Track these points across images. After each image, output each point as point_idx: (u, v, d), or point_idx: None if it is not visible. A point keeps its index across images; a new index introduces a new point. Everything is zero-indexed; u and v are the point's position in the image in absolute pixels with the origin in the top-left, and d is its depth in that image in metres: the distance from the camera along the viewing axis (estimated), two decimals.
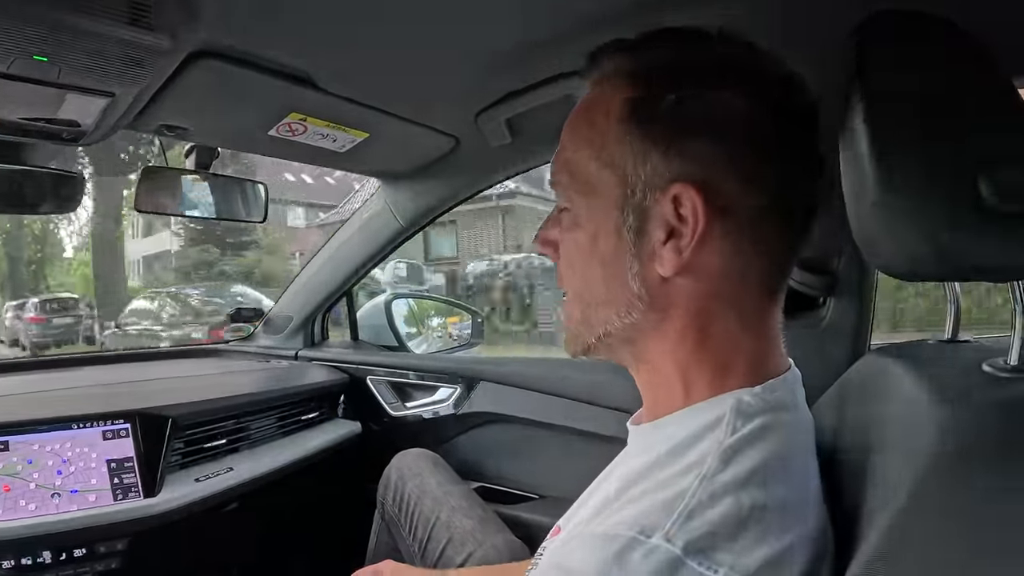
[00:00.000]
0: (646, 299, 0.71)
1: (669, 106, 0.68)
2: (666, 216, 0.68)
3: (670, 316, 0.72)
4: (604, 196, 0.72)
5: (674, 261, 0.68)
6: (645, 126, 0.69)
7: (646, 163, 0.69)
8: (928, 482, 0.57)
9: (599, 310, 0.75)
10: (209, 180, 1.72)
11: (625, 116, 0.70)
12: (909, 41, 0.66)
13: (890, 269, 0.71)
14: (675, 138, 0.67)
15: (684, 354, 0.73)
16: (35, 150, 1.46)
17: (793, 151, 0.70)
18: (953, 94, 0.63)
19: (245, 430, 1.85)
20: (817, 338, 1.44)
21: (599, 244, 0.73)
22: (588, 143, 0.73)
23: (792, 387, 0.75)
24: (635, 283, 0.71)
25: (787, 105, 0.69)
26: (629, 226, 0.70)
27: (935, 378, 0.74)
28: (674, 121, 0.68)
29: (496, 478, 2.05)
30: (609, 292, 0.73)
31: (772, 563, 0.60)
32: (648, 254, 0.70)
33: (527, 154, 1.77)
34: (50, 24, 0.89)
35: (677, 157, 0.67)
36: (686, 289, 0.70)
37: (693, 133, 0.67)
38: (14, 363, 2.17)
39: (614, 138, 0.71)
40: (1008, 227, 0.58)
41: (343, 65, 1.22)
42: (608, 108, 0.72)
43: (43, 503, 1.34)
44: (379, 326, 2.58)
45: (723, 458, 0.64)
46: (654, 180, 0.68)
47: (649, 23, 0.77)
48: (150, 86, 1.13)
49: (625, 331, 0.74)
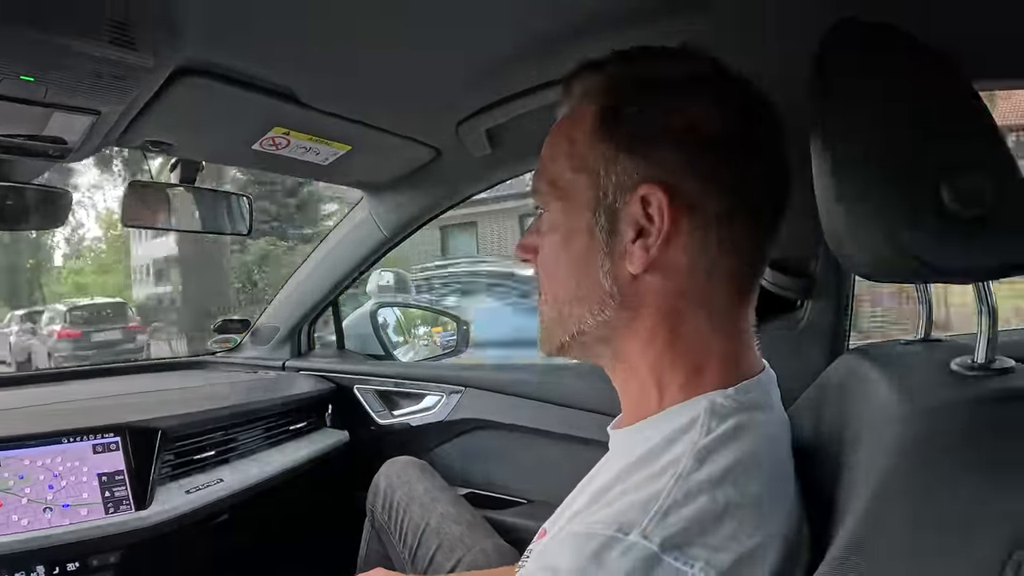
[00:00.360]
0: (617, 297, 0.75)
1: (634, 114, 0.73)
2: (635, 216, 0.72)
3: (641, 314, 0.75)
4: (577, 199, 0.76)
5: (643, 258, 0.72)
6: (613, 133, 0.73)
7: (616, 166, 0.73)
8: (895, 476, 0.59)
9: (573, 307, 0.78)
10: (194, 194, 1.73)
11: (596, 125, 0.75)
12: (872, 49, 0.69)
13: (859, 270, 0.73)
14: (640, 143, 0.72)
15: (656, 353, 0.75)
16: (22, 166, 1.46)
17: (753, 153, 0.73)
18: (914, 101, 0.65)
19: (234, 441, 1.85)
20: (795, 340, 1.45)
21: (573, 244, 0.77)
22: (564, 154, 0.78)
23: (766, 388, 0.77)
24: (606, 281, 0.75)
25: (745, 111, 0.73)
26: (601, 226, 0.74)
27: (905, 377, 0.75)
28: (639, 128, 0.72)
29: (484, 484, 2.06)
30: (581, 289, 0.77)
31: (747, 559, 0.62)
32: (619, 252, 0.74)
33: (508, 164, 1.78)
34: (36, 45, 0.90)
35: (643, 160, 0.72)
36: (655, 286, 0.73)
37: (657, 138, 0.72)
38: (3, 378, 2.16)
39: (586, 146, 0.75)
40: (969, 231, 0.59)
41: (325, 80, 1.24)
42: (581, 120, 0.76)
43: (35, 518, 1.35)
44: (365, 335, 2.58)
45: (698, 458, 0.65)
46: (623, 182, 0.73)
47: (625, 36, 0.79)
48: (135, 103, 1.13)
49: (599, 329, 0.77)
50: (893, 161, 0.62)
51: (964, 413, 0.61)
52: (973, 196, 0.59)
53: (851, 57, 0.69)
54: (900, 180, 0.62)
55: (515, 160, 1.75)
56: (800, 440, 0.81)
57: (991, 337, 0.70)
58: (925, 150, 0.62)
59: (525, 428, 1.98)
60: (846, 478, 0.70)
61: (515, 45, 1.16)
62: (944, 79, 0.67)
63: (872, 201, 0.62)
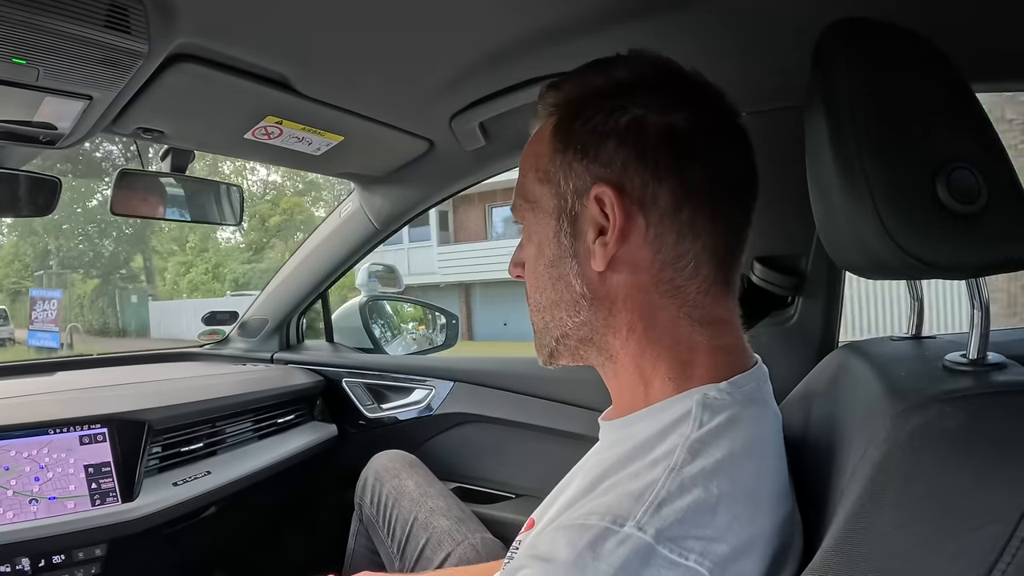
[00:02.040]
0: (589, 296, 0.79)
1: (584, 121, 0.77)
2: (594, 216, 0.76)
3: (616, 311, 0.77)
4: (544, 208, 0.81)
5: (603, 255, 0.75)
6: (568, 142, 0.78)
7: (572, 172, 0.78)
8: (888, 468, 0.59)
9: (553, 312, 0.82)
10: (185, 183, 1.72)
11: (553, 138, 0.80)
12: (868, 48, 0.69)
13: (853, 267, 0.73)
14: (591, 147, 0.76)
15: (636, 346, 0.77)
16: (11, 153, 1.45)
17: (702, 147, 0.75)
18: (909, 98, 0.66)
19: (222, 434, 1.85)
20: (786, 336, 1.46)
21: (545, 251, 0.82)
22: (531, 168, 0.83)
23: (759, 382, 0.78)
24: (577, 282, 0.79)
25: (693, 107, 0.76)
26: (565, 231, 0.79)
27: (897, 372, 0.76)
28: (589, 133, 0.76)
29: (473, 478, 2.06)
30: (557, 293, 0.81)
31: (740, 550, 0.63)
32: (584, 253, 0.78)
33: (501, 157, 1.78)
34: (29, 27, 0.89)
35: (593, 163, 0.76)
36: (623, 282, 0.76)
37: (604, 140, 0.75)
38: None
39: (547, 158, 0.80)
40: (964, 227, 0.60)
41: (320, 69, 1.23)
42: (543, 135, 0.82)
43: (21, 510, 1.33)
44: (355, 328, 2.58)
45: (691, 451, 0.66)
46: (579, 186, 0.77)
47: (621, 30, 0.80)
48: (128, 89, 1.12)
49: (579, 330, 0.81)
50: (888, 158, 0.63)
51: (957, 407, 0.61)
52: (967, 192, 0.60)
53: (846, 55, 0.70)
54: (895, 176, 0.62)
55: (508, 153, 1.75)
56: (791, 434, 0.82)
57: (983, 333, 0.71)
58: (920, 147, 0.63)
59: (514, 422, 1.98)
60: (839, 471, 0.71)
61: (512, 38, 1.16)
62: (938, 76, 0.67)
63: (867, 198, 0.63)
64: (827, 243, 0.76)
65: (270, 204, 26.53)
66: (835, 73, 0.70)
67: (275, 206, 26.35)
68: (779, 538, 0.67)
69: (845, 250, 0.71)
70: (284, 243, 25.43)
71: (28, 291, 15.83)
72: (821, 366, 1.03)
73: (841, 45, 0.70)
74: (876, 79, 0.67)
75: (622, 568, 0.58)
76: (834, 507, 0.66)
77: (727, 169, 0.77)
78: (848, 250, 0.71)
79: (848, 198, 0.65)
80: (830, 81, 0.70)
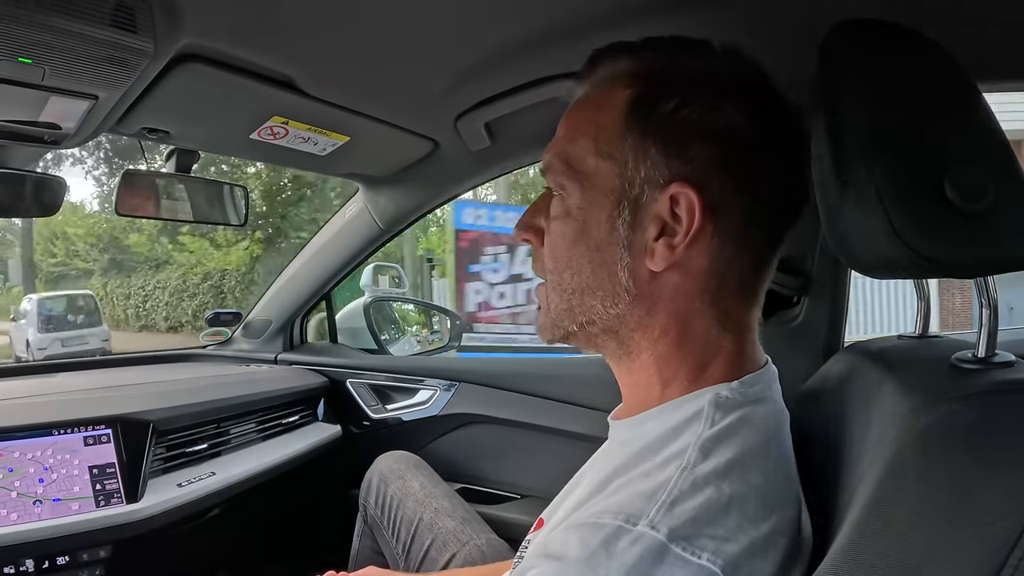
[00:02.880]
0: (633, 291, 0.74)
1: (671, 108, 0.71)
2: (661, 213, 0.71)
3: (655, 311, 0.74)
4: (600, 187, 0.75)
5: (667, 257, 0.71)
6: (646, 124, 0.72)
7: (646, 160, 0.72)
8: (899, 467, 0.59)
9: (584, 298, 0.77)
10: (189, 183, 1.71)
11: (627, 113, 0.73)
12: (874, 47, 0.69)
13: (860, 267, 0.73)
14: (674, 139, 0.71)
15: (664, 349, 0.75)
16: (16, 152, 1.45)
17: (780, 155, 0.73)
18: (917, 97, 0.66)
19: (226, 435, 1.84)
20: (791, 336, 1.46)
21: (591, 232, 0.75)
22: (586, 135, 0.76)
23: (769, 382, 0.78)
24: (624, 274, 0.74)
25: (776, 113, 0.73)
26: (624, 219, 0.73)
27: (905, 371, 0.76)
28: (675, 123, 0.71)
29: (478, 479, 2.06)
30: (596, 280, 0.76)
31: (752, 549, 0.62)
32: (639, 248, 0.73)
33: (507, 158, 1.78)
34: (35, 26, 0.89)
35: (676, 158, 0.71)
36: (672, 285, 0.73)
37: (692, 135, 0.70)
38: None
39: (614, 132, 0.74)
40: (972, 226, 0.60)
41: (326, 69, 1.23)
42: (609, 104, 0.75)
43: (25, 512, 1.33)
44: (359, 329, 2.57)
45: (703, 450, 0.66)
46: (653, 177, 0.71)
47: (633, 29, 0.79)
48: (134, 89, 1.12)
49: (609, 321, 0.77)
50: (895, 157, 0.63)
51: (967, 405, 0.61)
52: (975, 191, 0.60)
53: (854, 55, 0.70)
54: (903, 176, 0.62)
55: (514, 154, 1.74)
56: (800, 434, 0.82)
57: (992, 331, 0.71)
58: (928, 146, 0.63)
59: (519, 423, 1.98)
60: (848, 470, 0.71)
61: (518, 37, 1.16)
62: (946, 76, 0.67)
63: (874, 197, 0.62)
64: (833, 243, 0.76)
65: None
66: (841, 73, 0.70)
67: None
68: (789, 538, 0.67)
69: (852, 249, 0.71)
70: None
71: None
72: (828, 366, 1.03)
73: (847, 45, 0.71)
74: (882, 79, 0.67)
75: (635, 566, 0.58)
76: (844, 506, 0.66)
77: (793, 190, 0.75)
78: (855, 249, 0.71)
79: (855, 198, 0.65)
80: (836, 81, 0.70)
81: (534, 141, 1.67)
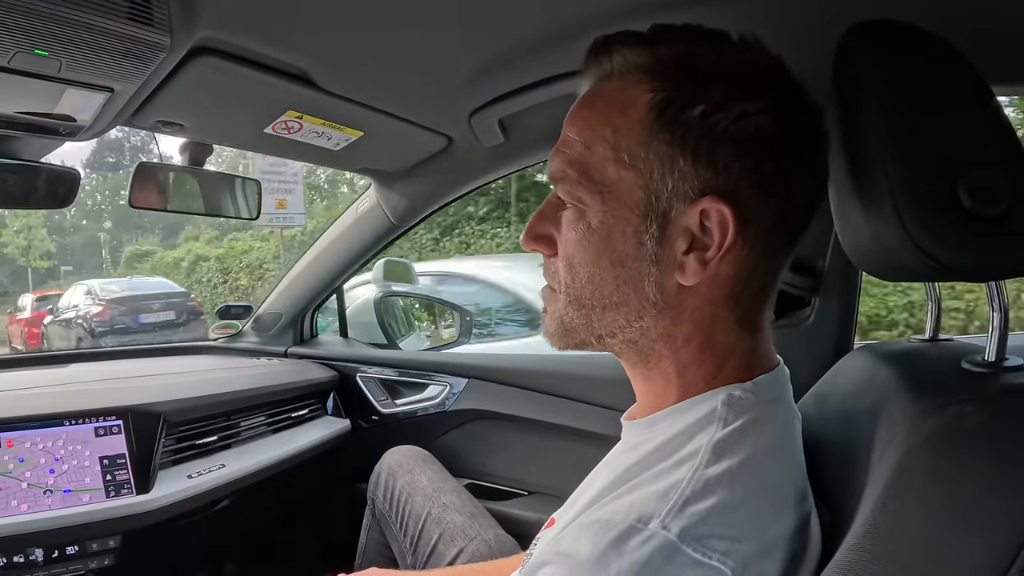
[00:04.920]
0: (660, 305, 0.71)
1: (698, 114, 0.66)
2: (691, 227, 0.68)
3: (680, 321, 0.72)
4: (623, 200, 0.70)
5: (699, 272, 0.69)
6: (673, 131, 0.67)
7: (673, 171, 0.67)
8: (909, 470, 0.60)
9: (607, 313, 0.74)
10: (202, 177, 1.72)
11: (650, 118, 0.68)
12: (889, 51, 0.69)
13: (872, 269, 0.73)
14: (703, 147, 0.66)
15: (687, 357, 0.74)
16: (31, 144, 1.45)
17: (807, 163, 0.71)
18: (933, 101, 0.65)
19: (236, 427, 1.85)
20: (802, 337, 1.46)
21: (615, 247, 0.71)
22: (604, 141, 0.71)
23: (781, 382, 0.77)
24: (651, 289, 0.71)
25: (799, 114, 0.70)
26: (652, 234, 0.69)
27: (917, 374, 0.76)
28: (703, 129, 0.66)
29: (486, 474, 2.06)
30: (621, 296, 0.72)
31: (763, 551, 0.63)
32: (668, 263, 0.70)
33: (520, 154, 1.77)
34: (52, 18, 0.89)
35: (705, 168, 0.67)
36: (700, 296, 0.71)
37: (722, 143, 0.66)
38: (4, 359, 2.15)
39: (637, 140, 0.69)
40: (985, 229, 0.60)
41: (341, 64, 1.23)
42: (627, 106, 0.70)
43: (35, 502, 1.34)
44: (369, 323, 2.58)
45: (716, 451, 0.66)
46: (682, 189, 0.67)
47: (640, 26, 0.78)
48: (149, 82, 1.12)
49: (631, 334, 0.74)
50: (909, 160, 0.63)
51: (976, 409, 0.61)
52: (989, 195, 0.60)
53: (869, 57, 0.69)
54: (917, 179, 0.62)
55: (528, 150, 1.74)
56: (809, 434, 0.82)
57: (1002, 335, 0.71)
58: (941, 150, 0.63)
59: (528, 420, 1.98)
60: (857, 471, 0.71)
61: (533, 33, 1.15)
62: (961, 78, 0.67)
63: (888, 200, 0.62)
64: (846, 244, 0.76)
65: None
66: (857, 74, 0.70)
67: None
68: (799, 539, 0.67)
69: (864, 252, 0.72)
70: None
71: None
72: (838, 367, 1.03)
73: (863, 47, 0.70)
74: (898, 81, 0.66)
75: (645, 565, 0.58)
76: (852, 507, 0.66)
77: (813, 192, 0.73)
78: (867, 252, 0.71)
79: (869, 200, 0.66)
80: (851, 83, 0.70)
81: (548, 138, 1.64)
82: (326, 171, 14.90)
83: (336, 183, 24.86)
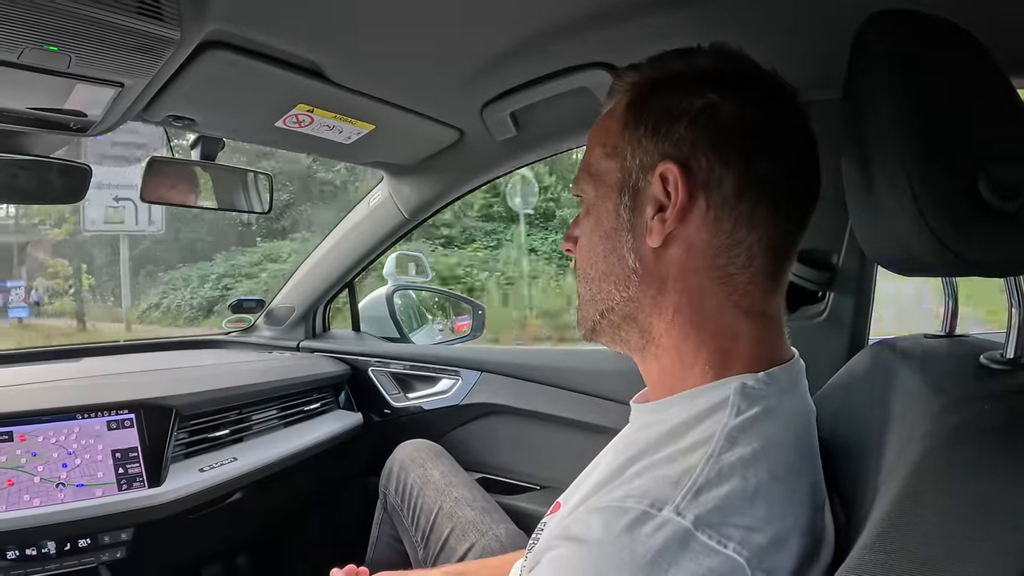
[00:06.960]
0: (640, 271, 0.78)
1: (658, 101, 0.78)
2: (656, 193, 0.75)
3: (665, 290, 0.76)
4: (607, 182, 0.81)
5: (660, 231, 0.75)
6: (640, 119, 0.78)
7: (639, 148, 0.77)
8: (927, 466, 0.59)
9: (601, 284, 0.82)
10: (214, 171, 1.72)
11: (625, 115, 0.80)
12: (909, 41, 0.68)
13: (889, 263, 0.73)
14: (662, 125, 0.76)
15: (680, 329, 0.76)
16: (42, 140, 1.46)
17: (771, 143, 0.74)
18: (953, 94, 0.64)
19: (248, 421, 1.86)
20: (817, 331, 1.46)
21: (602, 223, 0.81)
22: (599, 143, 0.83)
23: (796, 375, 0.78)
24: (630, 256, 0.78)
25: (766, 104, 0.76)
26: (625, 205, 0.79)
27: (934, 370, 0.76)
28: (663, 112, 0.76)
29: (498, 469, 2.06)
30: (608, 265, 0.81)
31: (776, 543, 0.62)
32: (641, 228, 0.77)
33: (532, 147, 1.77)
34: (62, 14, 0.90)
35: (664, 141, 0.76)
36: (676, 261, 0.75)
37: (677, 120, 0.75)
38: (17, 354, 2.16)
39: (617, 134, 0.80)
40: (1005, 224, 0.60)
41: (351, 57, 1.22)
42: (614, 112, 0.83)
43: (48, 496, 1.34)
44: (381, 317, 2.58)
45: (729, 438, 0.66)
46: (645, 162, 0.77)
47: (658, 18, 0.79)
48: (160, 76, 1.12)
49: (625, 306, 0.80)
50: (930, 153, 0.62)
51: (995, 406, 0.61)
52: (1010, 189, 0.59)
53: (887, 48, 0.68)
54: (937, 172, 0.61)
55: (540, 144, 1.74)
56: (824, 429, 0.81)
57: (1021, 332, 0.70)
58: (963, 142, 0.62)
59: (540, 414, 1.98)
60: (873, 468, 0.70)
61: (545, 26, 1.15)
62: (980, 71, 0.66)
63: (908, 194, 0.62)
64: (862, 238, 0.76)
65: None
66: (875, 66, 0.69)
67: None
68: (812, 533, 0.67)
69: (881, 246, 0.71)
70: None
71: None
72: (854, 362, 1.02)
73: (881, 38, 0.69)
74: (917, 73, 0.65)
75: (660, 553, 0.58)
76: (868, 503, 0.66)
77: (793, 167, 0.76)
78: (885, 246, 0.70)
79: (888, 194, 0.65)
80: (870, 74, 0.69)
81: (560, 131, 1.67)
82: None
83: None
